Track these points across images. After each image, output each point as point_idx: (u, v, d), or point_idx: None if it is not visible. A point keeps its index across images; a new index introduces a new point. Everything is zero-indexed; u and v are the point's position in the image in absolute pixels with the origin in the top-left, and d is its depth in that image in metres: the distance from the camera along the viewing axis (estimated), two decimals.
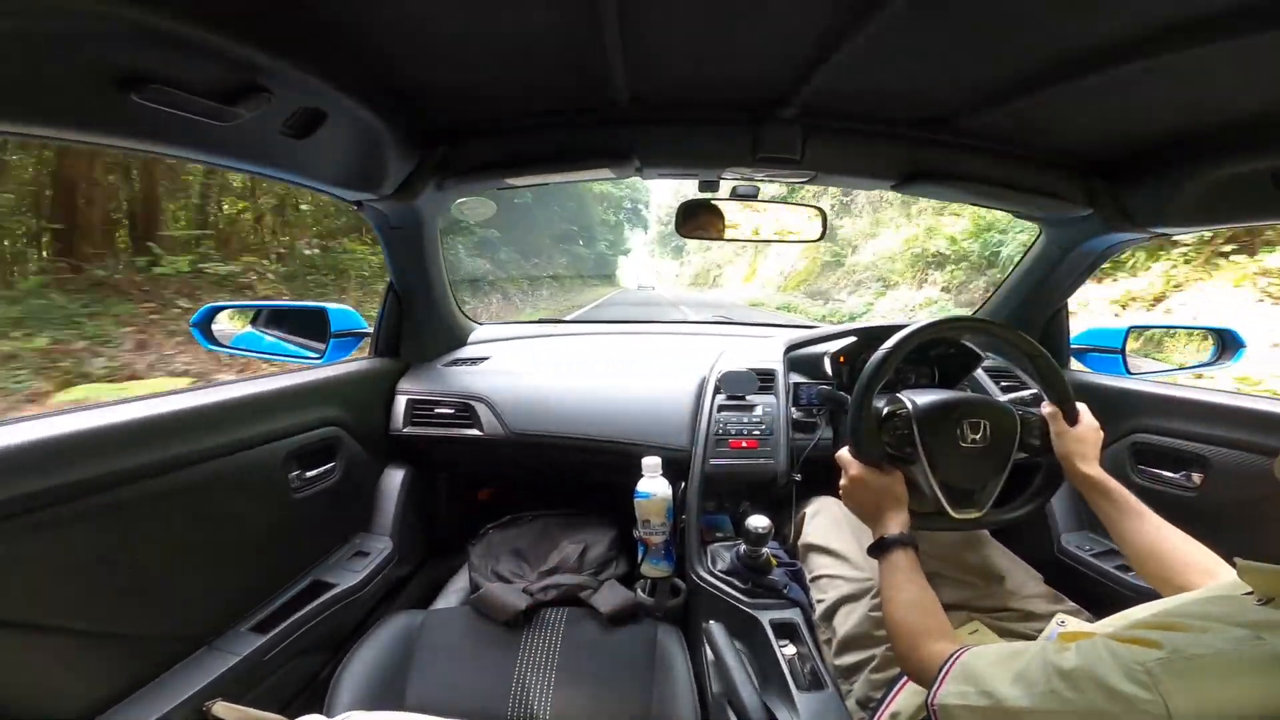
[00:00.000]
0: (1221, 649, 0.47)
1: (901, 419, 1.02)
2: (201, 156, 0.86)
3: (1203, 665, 0.45)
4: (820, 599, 1.13)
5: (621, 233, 33.66)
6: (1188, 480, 1.22)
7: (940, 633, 0.77)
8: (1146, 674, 0.46)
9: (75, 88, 0.65)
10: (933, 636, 0.76)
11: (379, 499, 1.52)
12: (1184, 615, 0.57)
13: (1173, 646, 0.48)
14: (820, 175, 1.26)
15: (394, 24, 0.80)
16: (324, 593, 1.24)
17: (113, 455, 0.86)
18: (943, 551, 1.17)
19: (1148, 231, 1.30)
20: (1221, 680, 0.45)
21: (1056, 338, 1.65)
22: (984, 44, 0.82)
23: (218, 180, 7.19)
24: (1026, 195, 1.26)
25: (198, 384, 1.14)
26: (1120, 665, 0.49)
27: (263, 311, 1.60)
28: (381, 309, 1.61)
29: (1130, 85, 0.87)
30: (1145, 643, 0.49)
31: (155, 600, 0.95)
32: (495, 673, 1.19)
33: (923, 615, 0.80)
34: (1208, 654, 0.46)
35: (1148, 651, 0.48)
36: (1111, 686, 0.48)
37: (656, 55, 0.92)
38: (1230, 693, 0.44)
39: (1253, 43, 0.70)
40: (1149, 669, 0.47)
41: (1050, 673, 0.53)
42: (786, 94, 1.04)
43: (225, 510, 1.06)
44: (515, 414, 1.50)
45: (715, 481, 1.41)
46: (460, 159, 1.22)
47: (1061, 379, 1.06)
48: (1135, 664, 0.48)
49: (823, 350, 1.50)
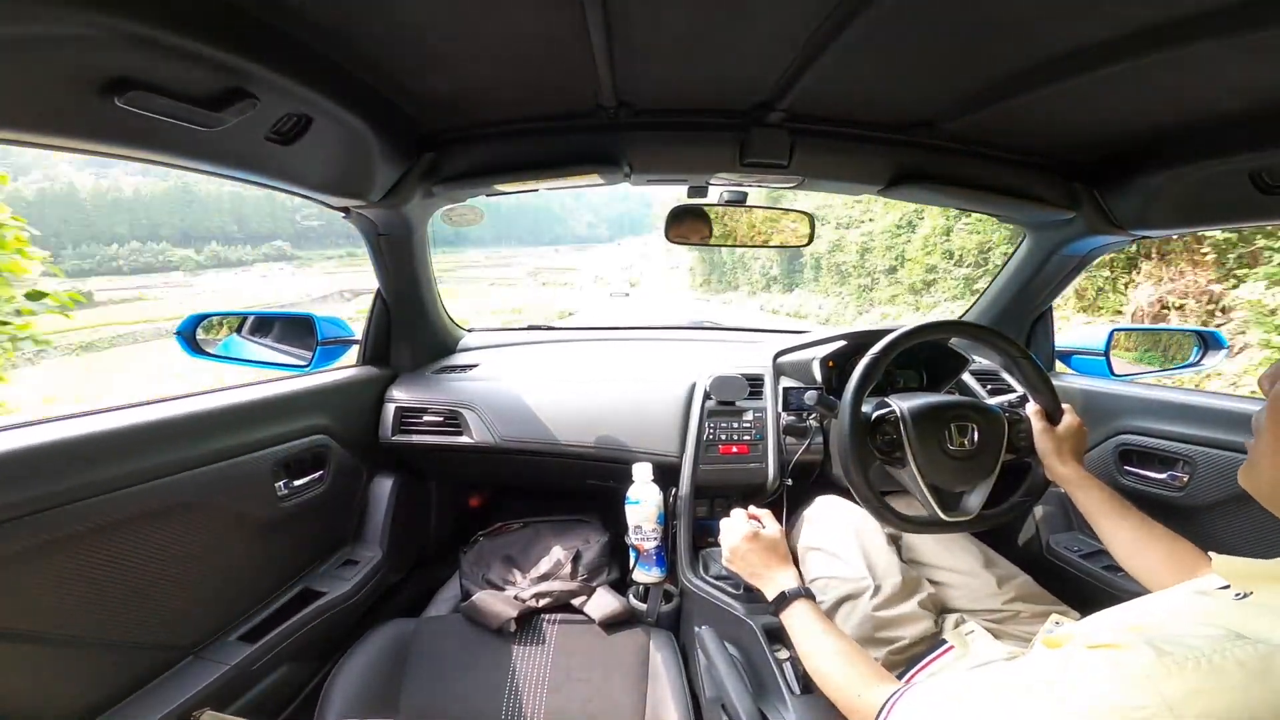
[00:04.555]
0: (1198, 644, 0.46)
1: (890, 424, 1.03)
2: (186, 162, 0.86)
3: (1188, 665, 0.44)
4: (820, 600, 1.14)
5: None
6: (1173, 480, 1.23)
7: (874, 675, 0.76)
8: (1144, 678, 0.44)
9: (59, 93, 0.65)
10: (869, 682, 0.74)
11: (368, 507, 1.51)
12: (1162, 612, 0.58)
13: (1150, 645, 0.46)
14: (808, 180, 1.27)
15: (381, 31, 0.80)
16: (313, 601, 1.23)
17: (99, 464, 0.86)
18: (934, 553, 1.18)
19: (1130, 234, 1.32)
20: (1208, 680, 0.44)
21: (1042, 340, 1.67)
22: (967, 48, 0.83)
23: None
24: (1010, 199, 1.28)
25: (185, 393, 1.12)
26: (1108, 669, 0.46)
27: (248, 319, 1.58)
28: (369, 316, 1.60)
29: (1110, 88, 0.89)
30: (1123, 645, 0.47)
31: (141, 609, 0.94)
32: (488, 681, 1.19)
33: (851, 663, 0.78)
34: (1188, 656, 0.44)
35: (1132, 653, 0.46)
36: (1102, 690, 0.46)
37: (644, 61, 0.92)
38: (1221, 704, 0.43)
39: (1229, 44, 0.72)
40: (1144, 671, 0.44)
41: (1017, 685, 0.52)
42: (773, 99, 1.05)
43: (212, 519, 1.05)
44: (503, 422, 1.50)
45: (706, 487, 1.42)
46: (448, 165, 1.22)
47: (1045, 379, 1.07)
48: (1124, 668, 0.46)
49: (812, 355, 1.51)
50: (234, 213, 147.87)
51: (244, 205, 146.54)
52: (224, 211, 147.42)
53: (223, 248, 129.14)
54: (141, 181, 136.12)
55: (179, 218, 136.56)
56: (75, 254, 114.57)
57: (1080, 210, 1.29)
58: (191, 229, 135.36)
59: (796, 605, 0.89)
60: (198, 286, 78.62)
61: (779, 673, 0.96)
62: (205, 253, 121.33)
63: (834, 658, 0.80)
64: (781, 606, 0.91)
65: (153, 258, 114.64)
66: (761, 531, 1.02)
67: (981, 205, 1.40)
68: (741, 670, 1.04)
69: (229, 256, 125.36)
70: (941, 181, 1.25)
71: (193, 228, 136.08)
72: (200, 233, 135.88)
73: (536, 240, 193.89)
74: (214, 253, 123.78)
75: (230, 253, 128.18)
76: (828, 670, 0.79)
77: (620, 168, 1.21)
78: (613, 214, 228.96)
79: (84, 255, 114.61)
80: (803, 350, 1.57)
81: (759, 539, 1.01)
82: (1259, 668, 0.43)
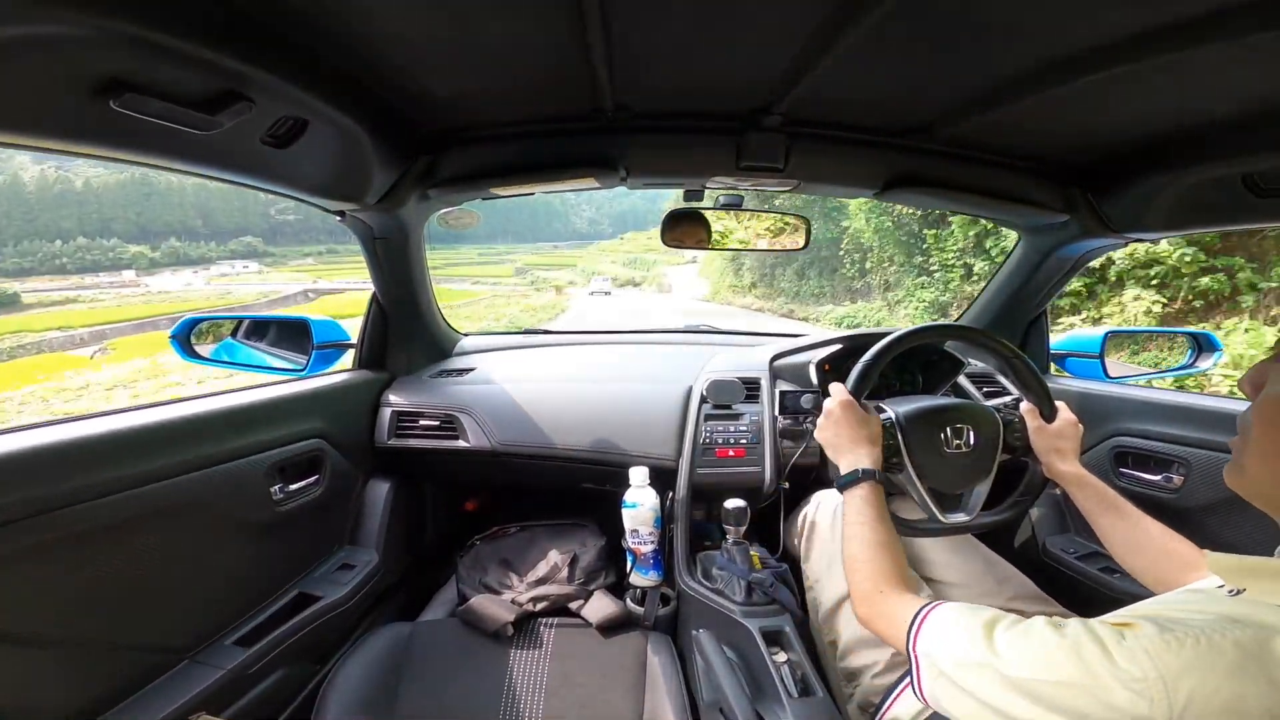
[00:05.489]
0: (1198, 622, 0.48)
1: (886, 430, 1.03)
2: (181, 165, 0.86)
3: (1187, 642, 0.46)
4: (819, 598, 1.13)
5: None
6: (1168, 482, 1.24)
7: (903, 581, 0.77)
8: (1143, 651, 0.47)
9: (53, 95, 0.64)
10: (898, 585, 0.76)
11: (364, 511, 1.51)
12: (1164, 604, 0.59)
13: (1153, 621, 0.50)
14: (804, 183, 1.28)
15: (378, 34, 0.80)
16: (309, 605, 1.22)
17: (93, 468, 0.85)
18: (933, 553, 1.18)
19: (1124, 237, 1.32)
20: (1204, 658, 0.46)
21: (1037, 342, 1.68)
22: (963, 53, 0.83)
23: None
24: (1005, 202, 1.29)
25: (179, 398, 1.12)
26: (1114, 639, 0.50)
27: (243, 323, 1.58)
28: (365, 320, 1.60)
29: (1105, 92, 0.89)
30: (1130, 624, 0.50)
31: (136, 613, 0.94)
32: (485, 684, 1.18)
33: (892, 560, 0.80)
34: (1188, 634, 0.47)
35: (1134, 629, 0.50)
36: (1109, 657, 0.49)
37: (641, 64, 0.93)
38: (1213, 682, 0.44)
39: (1224, 49, 0.72)
40: (1144, 645, 0.48)
41: (1049, 640, 0.54)
42: (770, 103, 1.05)
43: (207, 523, 1.05)
44: (500, 426, 1.50)
45: (703, 491, 1.41)
46: (445, 169, 1.22)
47: (1038, 378, 1.08)
48: (1125, 638, 0.49)
49: (808, 359, 1.51)
50: (199, 207, 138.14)
51: (211, 199, 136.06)
52: (187, 205, 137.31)
53: (183, 244, 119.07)
54: (94, 173, 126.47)
55: (135, 211, 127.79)
56: (15, 252, 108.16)
57: (1074, 213, 1.30)
58: (149, 224, 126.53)
59: (861, 487, 0.89)
60: (153, 286, 74.36)
61: (777, 676, 0.96)
62: (162, 249, 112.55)
63: (872, 548, 0.82)
64: (848, 484, 0.91)
65: (101, 255, 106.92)
66: (858, 406, 1.00)
67: (977, 209, 1.41)
68: (739, 673, 1.04)
69: (190, 254, 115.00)
70: (937, 185, 1.25)
71: (151, 222, 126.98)
72: (159, 228, 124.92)
73: (536, 237, 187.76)
74: (173, 249, 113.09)
75: (193, 249, 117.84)
76: (863, 558, 0.82)
77: (617, 171, 1.21)
78: (616, 210, 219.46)
79: (25, 253, 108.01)
80: (799, 353, 1.57)
81: (853, 409, 0.99)
82: (1255, 650, 0.45)
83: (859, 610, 0.80)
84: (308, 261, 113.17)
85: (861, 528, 0.85)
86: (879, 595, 0.76)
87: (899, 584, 0.77)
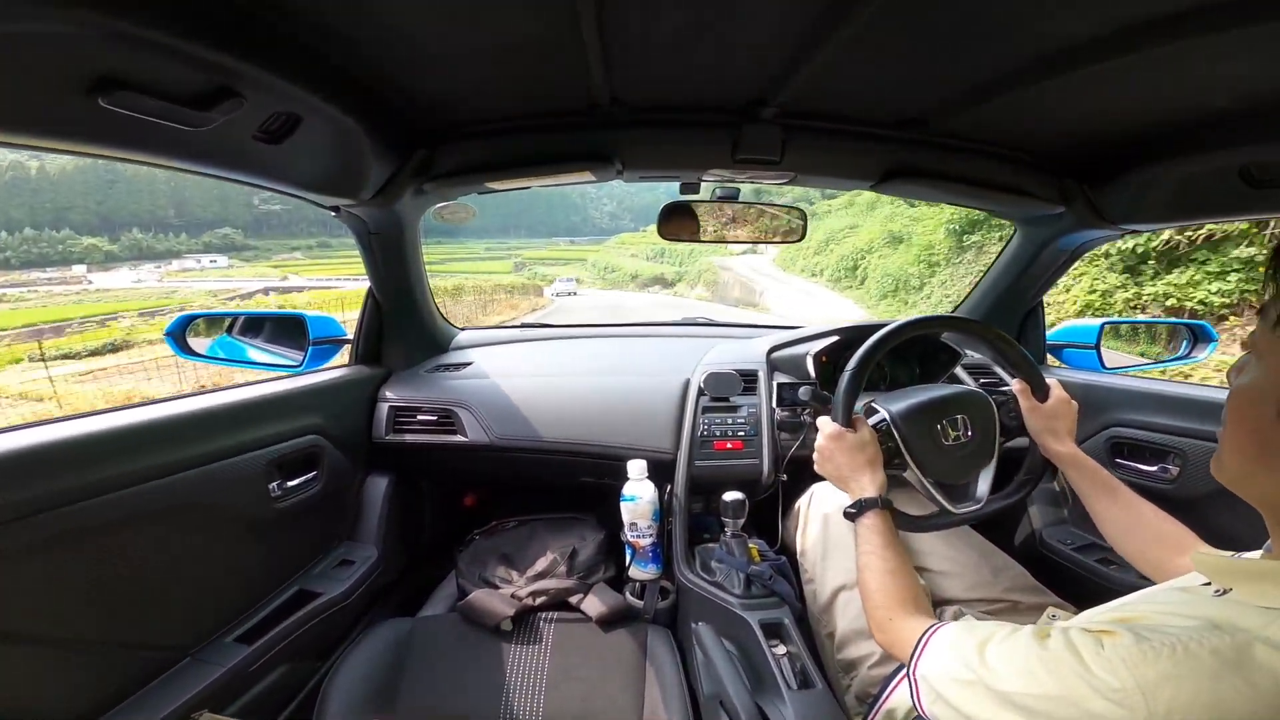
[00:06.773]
0: (1176, 629, 0.48)
1: (883, 433, 1.03)
2: (172, 162, 0.85)
3: (1164, 652, 0.46)
4: (817, 590, 1.14)
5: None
6: (1164, 473, 1.25)
7: (917, 606, 0.78)
8: (1120, 661, 0.48)
9: (42, 92, 0.64)
10: (909, 610, 0.77)
11: (363, 507, 1.51)
12: (1144, 605, 0.59)
13: (1131, 630, 0.50)
14: (800, 176, 1.27)
15: (371, 28, 0.79)
16: (309, 602, 1.22)
17: (91, 466, 0.85)
18: (931, 544, 1.19)
19: (1119, 228, 1.32)
20: (1181, 666, 0.46)
21: (1033, 333, 1.68)
22: (959, 45, 0.83)
23: None
24: (1001, 194, 1.28)
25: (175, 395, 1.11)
26: (1092, 650, 0.50)
27: (239, 319, 1.57)
28: (361, 315, 1.59)
29: (1100, 84, 0.89)
30: (1109, 633, 0.51)
31: (136, 611, 0.94)
32: (486, 679, 1.19)
33: (901, 586, 0.81)
34: (1164, 643, 0.47)
35: (1112, 638, 0.50)
36: (1086, 669, 0.49)
37: (636, 57, 0.92)
38: (1190, 691, 0.45)
39: (1219, 40, 0.72)
40: (1121, 655, 0.48)
41: (1031, 653, 0.54)
42: (766, 95, 1.05)
43: (206, 520, 1.05)
44: (497, 421, 1.49)
45: (701, 483, 1.42)
46: (440, 163, 1.21)
47: (1025, 357, 1.09)
48: (1104, 647, 0.49)
49: (805, 350, 1.51)
50: (172, 196, 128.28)
51: (186, 188, 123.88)
52: (158, 194, 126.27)
53: (147, 236, 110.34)
54: (52, 157, 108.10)
55: (96, 200, 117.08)
56: None
57: (1070, 205, 1.30)
58: (112, 214, 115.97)
59: (867, 516, 0.90)
60: (97, 283, 69.54)
61: (776, 668, 0.96)
62: (122, 242, 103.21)
63: (883, 576, 0.82)
64: (854, 515, 0.92)
65: (49, 248, 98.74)
66: (849, 432, 0.97)
67: (972, 200, 1.40)
68: (739, 666, 1.04)
69: (155, 247, 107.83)
70: (933, 177, 1.25)
71: (114, 212, 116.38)
72: (123, 218, 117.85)
73: (551, 231, 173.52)
74: (135, 242, 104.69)
75: (158, 243, 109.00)
76: (874, 586, 0.82)
77: (613, 164, 1.20)
78: (639, 204, 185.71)
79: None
80: (796, 345, 1.57)
81: (844, 438, 0.97)
82: (1233, 657, 0.45)
83: (877, 638, 0.81)
84: (295, 256, 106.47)
85: (871, 557, 0.86)
86: (889, 623, 0.77)
87: (909, 609, 0.77)
